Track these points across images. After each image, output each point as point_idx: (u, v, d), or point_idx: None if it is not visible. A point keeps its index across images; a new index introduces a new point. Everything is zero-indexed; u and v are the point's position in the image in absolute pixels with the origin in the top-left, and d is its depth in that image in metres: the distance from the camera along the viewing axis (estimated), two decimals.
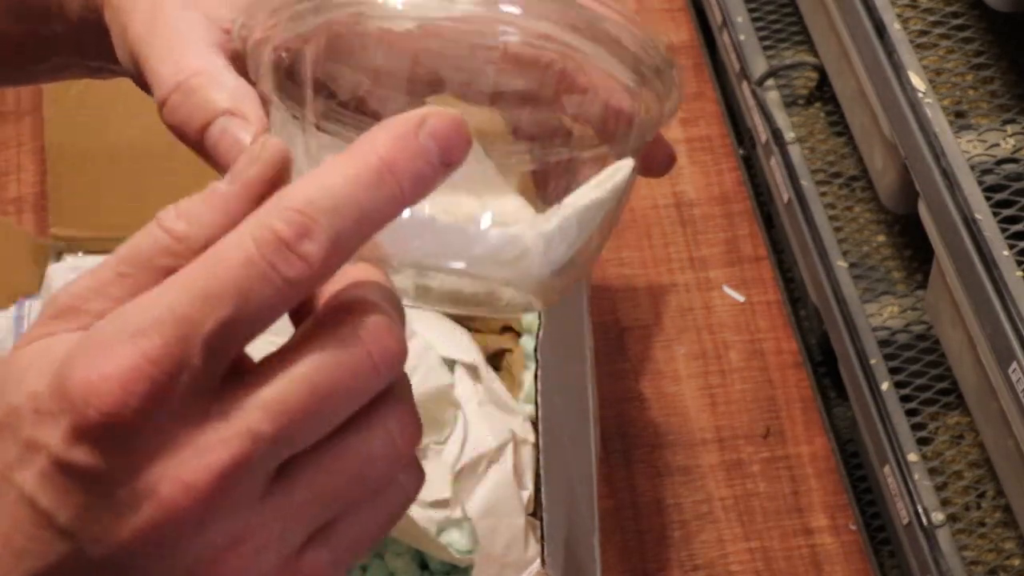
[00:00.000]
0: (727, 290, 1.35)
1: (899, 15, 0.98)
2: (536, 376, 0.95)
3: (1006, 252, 0.84)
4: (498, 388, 1.10)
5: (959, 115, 0.94)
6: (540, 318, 0.98)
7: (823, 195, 1.19)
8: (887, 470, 1.02)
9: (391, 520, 0.42)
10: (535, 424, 0.99)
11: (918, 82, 0.93)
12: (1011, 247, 0.84)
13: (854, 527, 1.20)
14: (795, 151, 1.22)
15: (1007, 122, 0.94)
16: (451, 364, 1.11)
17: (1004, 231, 0.85)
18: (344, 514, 0.41)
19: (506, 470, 1.05)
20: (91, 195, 1.27)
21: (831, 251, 1.14)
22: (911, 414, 1.04)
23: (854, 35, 1.01)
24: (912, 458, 1.01)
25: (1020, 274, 0.83)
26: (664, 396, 1.28)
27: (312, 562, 0.40)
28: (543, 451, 0.92)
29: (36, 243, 1.28)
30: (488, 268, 0.44)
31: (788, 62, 1.29)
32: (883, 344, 1.08)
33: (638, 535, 1.21)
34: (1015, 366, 0.80)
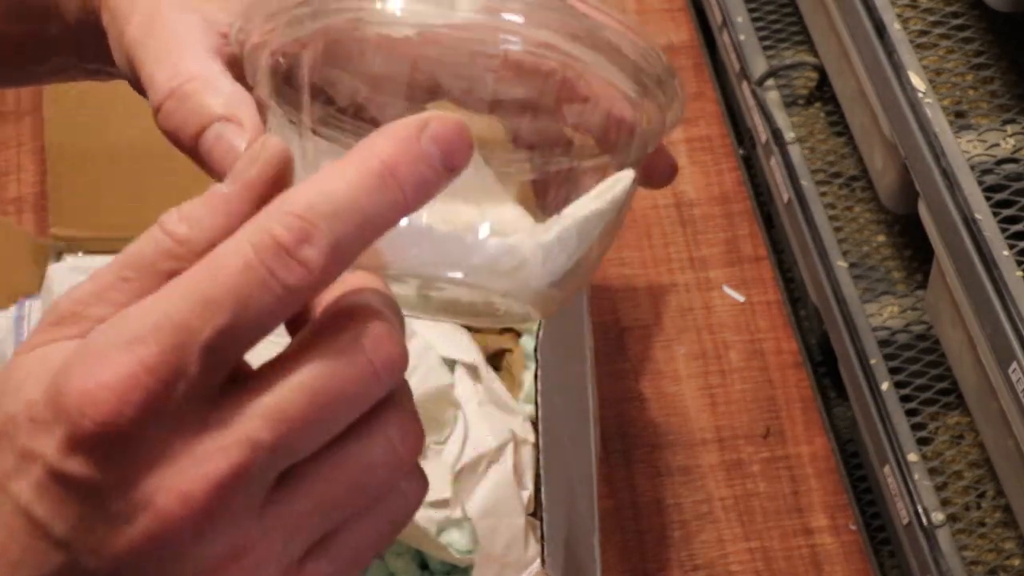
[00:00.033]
0: (727, 290, 1.35)
1: (899, 15, 0.98)
2: (536, 376, 0.94)
3: (1006, 252, 0.84)
4: (498, 388, 1.10)
5: (959, 115, 0.94)
6: None
7: (823, 195, 1.19)
8: (887, 470, 1.02)
9: (394, 529, 0.41)
10: (535, 424, 0.99)
11: (918, 82, 0.93)
12: (1011, 247, 0.84)
13: (854, 527, 1.20)
14: (795, 151, 1.22)
15: (1007, 122, 0.94)
16: (451, 364, 1.11)
17: (1004, 231, 0.85)
18: (345, 523, 0.40)
19: (506, 470, 1.05)
20: (91, 195, 1.26)
21: (831, 251, 1.14)
22: (911, 414, 1.04)
23: (854, 35, 1.01)
24: (912, 458, 1.01)
25: (1020, 274, 0.83)
26: (664, 396, 1.28)
27: (313, 573, 0.40)
28: (543, 451, 0.92)
29: (36, 243, 1.28)
30: (486, 278, 0.44)
31: (788, 62, 1.29)
32: (883, 344, 1.08)
33: (638, 535, 1.21)
34: (1015, 366, 0.80)
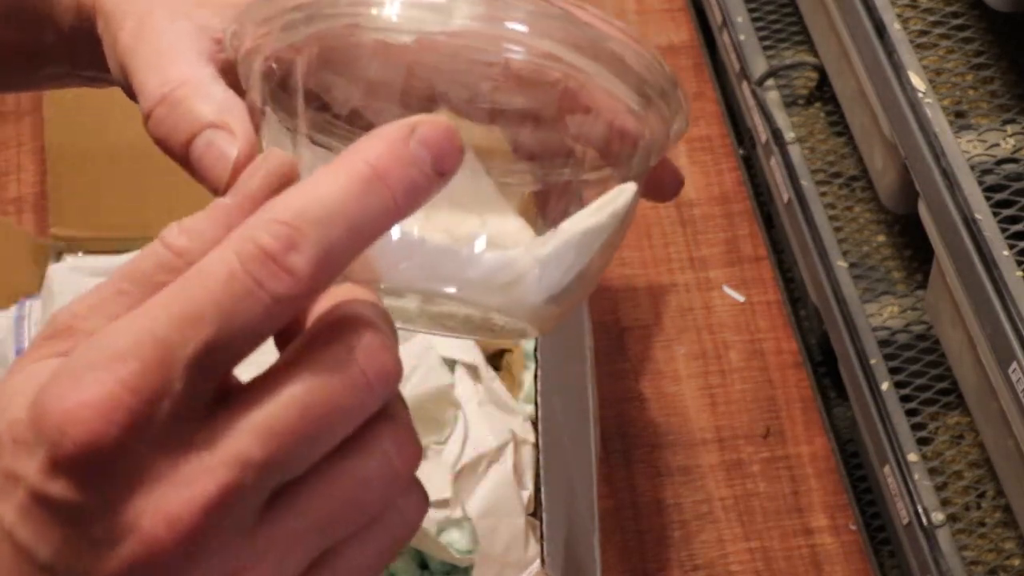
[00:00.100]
0: (727, 290, 1.35)
1: (899, 15, 0.98)
2: (536, 376, 0.94)
3: (1006, 252, 0.84)
4: (498, 388, 1.10)
5: (959, 115, 0.94)
6: None
7: (823, 195, 1.19)
8: (887, 470, 1.02)
9: (393, 546, 0.40)
10: (535, 424, 0.99)
11: (918, 82, 0.93)
12: (1011, 247, 0.84)
13: (854, 527, 1.20)
14: (795, 151, 1.22)
15: (1007, 122, 0.94)
16: (451, 364, 1.11)
17: (1004, 231, 0.85)
18: (344, 542, 0.39)
19: (506, 470, 1.05)
20: (91, 195, 1.26)
21: (831, 251, 1.14)
22: (911, 414, 1.04)
23: (854, 35, 1.01)
24: (912, 458, 1.01)
25: (1020, 274, 0.83)
26: (664, 396, 1.28)
27: None
28: (543, 451, 0.92)
29: (36, 243, 1.28)
30: (480, 293, 0.43)
31: (788, 62, 1.29)
32: (883, 344, 1.08)
33: (638, 535, 1.21)
34: (1015, 366, 0.80)
